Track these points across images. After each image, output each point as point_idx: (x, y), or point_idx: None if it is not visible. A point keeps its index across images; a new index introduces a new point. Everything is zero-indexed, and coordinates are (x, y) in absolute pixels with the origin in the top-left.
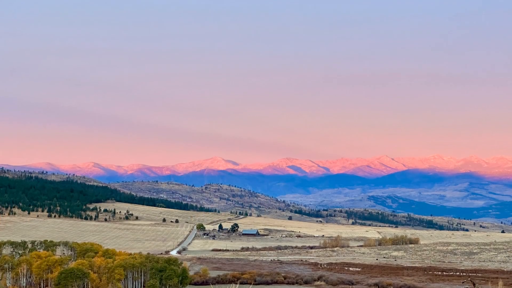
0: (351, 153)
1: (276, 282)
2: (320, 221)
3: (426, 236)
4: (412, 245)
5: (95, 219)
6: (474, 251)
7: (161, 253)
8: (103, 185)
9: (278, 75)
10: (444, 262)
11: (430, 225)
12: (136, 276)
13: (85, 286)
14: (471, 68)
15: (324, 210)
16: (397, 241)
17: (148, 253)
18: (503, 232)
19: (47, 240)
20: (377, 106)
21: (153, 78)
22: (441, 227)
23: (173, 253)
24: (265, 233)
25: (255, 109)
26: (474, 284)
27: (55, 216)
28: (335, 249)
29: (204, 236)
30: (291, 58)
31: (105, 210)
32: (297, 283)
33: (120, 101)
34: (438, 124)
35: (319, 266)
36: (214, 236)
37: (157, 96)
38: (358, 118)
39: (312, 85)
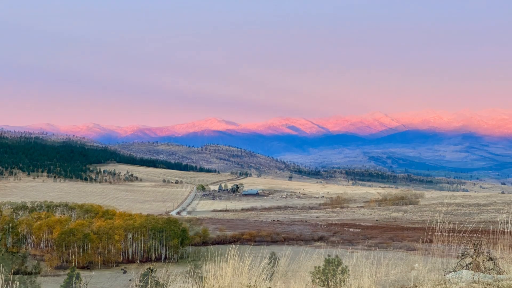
0: (350, 112)
1: (276, 242)
2: (320, 181)
3: (426, 196)
4: (412, 205)
5: (95, 180)
6: (474, 211)
7: (161, 214)
8: (103, 146)
9: (274, 35)
10: (444, 222)
11: (430, 184)
12: (136, 236)
13: (85, 246)
14: (465, 24)
15: (324, 170)
16: (397, 201)
17: (148, 214)
18: (503, 192)
19: (47, 201)
20: (374, 64)
21: (150, 39)
22: (441, 187)
23: (174, 213)
24: (265, 194)
25: (252, 69)
26: (475, 246)
27: (55, 177)
28: (336, 209)
29: (205, 197)
30: (287, 17)
31: (106, 172)
32: (297, 243)
33: (119, 62)
34: (438, 83)
35: (319, 226)
36: (214, 196)
37: (155, 56)
38: (357, 77)
39: (309, 44)
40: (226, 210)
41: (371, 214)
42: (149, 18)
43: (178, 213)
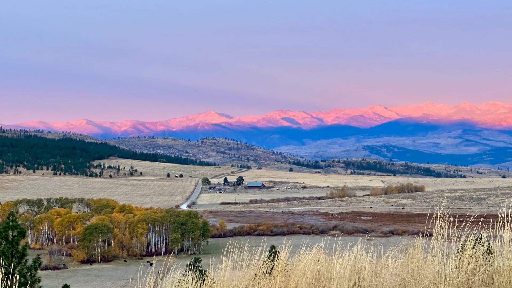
0: (344, 103)
1: (293, 233)
2: (319, 172)
3: (430, 183)
4: (419, 192)
5: (100, 175)
6: (482, 196)
7: (172, 208)
8: (101, 142)
9: (269, 28)
10: (453, 208)
11: (428, 172)
12: (158, 230)
13: (109, 240)
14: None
15: (322, 161)
16: (403, 189)
17: (158, 208)
18: (503, 177)
19: (62, 197)
20: (368, 55)
21: (144, 33)
22: (438, 175)
23: (183, 207)
24: (270, 185)
25: (247, 63)
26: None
27: (60, 174)
28: (344, 199)
29: (211, 190)
30: (282, 10)
31: (109, 167)
32: (313, 233)
33: (112, 57)
34: (429, 72)
35: (330, 215)
36: (220, 189)
37: (148, 50)
38: (350, 69)
39: (303, 37)
40: (235, 203)
41: (379, 202)
42: (142, 11)
43: (188, 206)
